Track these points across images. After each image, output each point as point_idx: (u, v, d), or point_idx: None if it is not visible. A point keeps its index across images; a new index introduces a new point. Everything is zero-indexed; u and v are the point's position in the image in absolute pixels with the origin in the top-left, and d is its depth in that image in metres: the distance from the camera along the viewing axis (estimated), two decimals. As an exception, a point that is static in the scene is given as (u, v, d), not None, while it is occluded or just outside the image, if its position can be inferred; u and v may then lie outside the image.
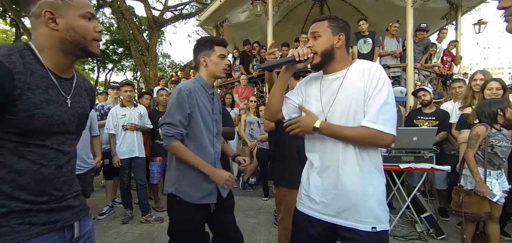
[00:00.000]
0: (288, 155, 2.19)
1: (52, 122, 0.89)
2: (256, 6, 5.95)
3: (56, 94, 0.91)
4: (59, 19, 0.89)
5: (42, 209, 0.89)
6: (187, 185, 1.60)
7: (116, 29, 16.59)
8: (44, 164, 0.89)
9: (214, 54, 1.63)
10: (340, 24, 1.25)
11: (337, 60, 1.25)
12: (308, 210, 1.30)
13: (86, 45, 0.95)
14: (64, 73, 0.96)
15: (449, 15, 6.68)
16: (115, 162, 3.46)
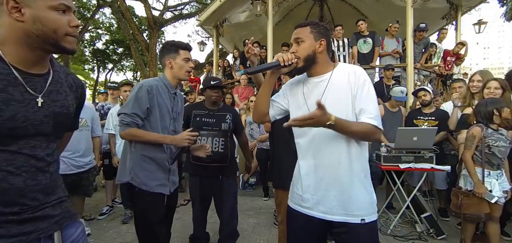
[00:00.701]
0: (284, 157, 2.23)
1: (14, 125, 0.78)
2: (256, 6, 5.95)
3: (20, 93, 0.80)
4: (25, 9, 0.78)
5: (11, 220, 0.79)
6: (142, 173, 1.68)
7: (116, 29, 16.59)
8: (11, 171, 0.79)
9: (179, 57, 1.73)
10: (321, 30, 1.33)
11: (319, 64, 1.32)
12: (301, 208, 1.33)
13: (57, 40, 0.84)
14: (33, 68, 0.85)
15: (449, 15, 6.68)
16: (115, 162, 3.45)
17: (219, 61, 7.69)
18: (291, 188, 1.44)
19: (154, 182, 1.70)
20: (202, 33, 13.70)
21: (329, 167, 1.25)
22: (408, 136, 3.09)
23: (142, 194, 1.68)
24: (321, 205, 1.26)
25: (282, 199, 2.20)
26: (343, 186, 1.23)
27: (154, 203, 1.71)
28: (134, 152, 1.70)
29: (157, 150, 1.72)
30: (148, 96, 1.66)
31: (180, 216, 3.77)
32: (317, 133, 1.26)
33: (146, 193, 1.68)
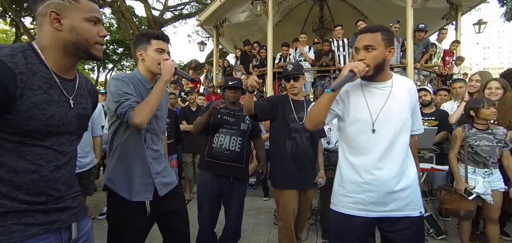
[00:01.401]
0: (279, 156, 2.31)
1: (52, 123, 0.89)
2: (256, 6, 5.95)
3: (58, 95, 0.92)
4: (64, 20, 0.90)
5: (39, 209, 0.88)
6: (123, 175, 1.48)
7: (116, 29, 16.57)
8: (43, 164, 0.89)
9: (151, 48, 1.53)
10: (390, 36, 1.35)
11: (385, 71, 1.37)
12: (356, 211, 1.39)
13: (88, 48, 0.96)
14: (66, 74, 0.97)
15: (449, 15, 6.68)
16: (115, 162, 3.44)
17: (219, 61, 7.68)
18: (336, 192, 1.51)
19: (134, 189, 1.48)
20: (202, 33, 13.70)
21: (399, 167, 1.34)
22: (408, 136, 3.09)
23: (119, 199, 1.48)
24: (383, 204, 1.35)
25: (277, 199, 2.29)
26: (410, 184, 1.36)
27: (132, 213, 1.49)
28: (120, 149, 1.51)
29: (136, 146, 1.51)
30: (130, 87, 1.45)
31: (180, 216, 3.77)
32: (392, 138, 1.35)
33: (124, 200, 1.47)
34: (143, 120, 1.34)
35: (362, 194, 1.37)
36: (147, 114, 1.35)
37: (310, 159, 2.36)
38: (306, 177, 2.30)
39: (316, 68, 5.92)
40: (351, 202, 1.40)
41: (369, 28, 1.34)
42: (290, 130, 2.29)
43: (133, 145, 1.49)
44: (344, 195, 1.43)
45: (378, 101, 1.35)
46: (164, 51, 1.54)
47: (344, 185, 1.45)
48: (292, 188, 2.24)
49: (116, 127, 1.51)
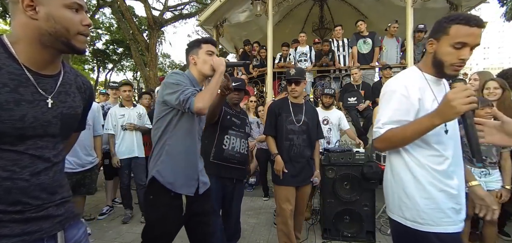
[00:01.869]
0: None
1: (22, 125, 0.78)
2: (256, 6, 5.94)
3: (31, 93, 0.81)
4: (39, 7, 0.79)
5: (15, 219, 0.79)
6: (171, 168, 1.53)
7: (116, 29, 16.57)
8: (16, 171, 0.79)
9: (202, 51, 1.63)
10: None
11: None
12: (452, 227, 1.17)
13: (69, 39, 0.84)
14: (45, 69, 0.86)
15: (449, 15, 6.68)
16: (115, 162, 3.45)
17: (219, 61, 7.67)
18: (421, 210, 1.17)
19: (179, 181, 1.54)
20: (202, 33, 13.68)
21: (462, 169, 1.27)
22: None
23: (163, 191, 1.51)
24: (463, 212, 1.22)
25: (277, 194, 2.46)
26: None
27: (169, 208, 1.54)
28: (168, 143, 1.55)
29: (188, 141, 1.57)
30: (184, 75, 1.55)
31: (180, 216, 3.77)
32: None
33: (168, 192, 1.51)
34: (204, 105, 1.41)
35: (451, 202, 1.17)
36: (208, 100, 1.43)
37: (306, 159, 2.48)
38: (302, 175, 2.46)
39: (316, 68, 5.92)
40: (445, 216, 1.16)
41: (482, 22, 1.13)
42: (287, 131, 2.45)
43: (184, 139, 1.56)
44: (437, 209, 1.16)
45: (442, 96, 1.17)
46: (213, 53, 1.63)
47: (430, 196, 1.17)
48: (287, 185, 2.41)
49: (169, 120, 1.54)
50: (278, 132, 2.49)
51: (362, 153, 2.98)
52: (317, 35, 7.37)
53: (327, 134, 3.68)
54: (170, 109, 1.53)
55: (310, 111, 2.56)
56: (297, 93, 2.49)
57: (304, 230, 3.08)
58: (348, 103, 4.96)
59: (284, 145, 2.44)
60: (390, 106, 1.22)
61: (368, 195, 2.90)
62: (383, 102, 1.28)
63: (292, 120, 2.45)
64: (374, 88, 5.02)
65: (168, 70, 21.19)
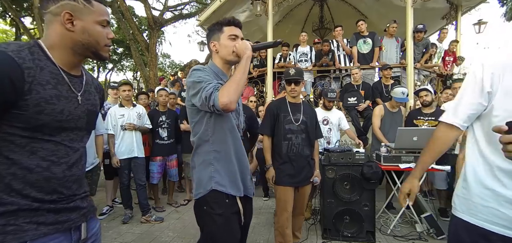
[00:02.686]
0: (276, 155, 2.49)
1: (62, 118, 0.90)
2: (256, 6, 5.94)
3: (66, 90, 0.93)
4: (77, 21, 0.92)
5: (50, 208, 0.88)
6: (227, 175, 1.38)
7: (116, 29, 16.53)
8: (55, 161, 0.89)
9: (224, 36, 1.42)
10: None
11: None
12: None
13: (98, 50, 0.99)
14: (73, 70, 0.98)
15: (449, 15, 6.68)
16: (114, 162, 3.45)
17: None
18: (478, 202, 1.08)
19: (239, 184, 1.41)
20: (202, 33, 13.70)
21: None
22: (408, 136, 3.09)
23: (220, 202, 1.36)
24: None
25: (276, 193, 2.48)
26: None
27: (230, 218, 1.39)
28: (213, 148, 1.39)
29: (233, 139, 1.42)
30: (206, 70, 1.37)
31: (180, 216, 3.77)
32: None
33: (225, 199, 1.37)
34: (231, 99, 1.21)
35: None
36: (233, 92, 1.22)
37: (305, 158, 2.48)
38: (301, 175, 2.46)
39: (316, 68, 5.92)
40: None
41: None
42: (285, 131, 2.46)
43: (229, 139, 1.41)
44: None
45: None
46: (237, 37, 1.42)
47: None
48: (287, 184, 2.41)
49: (205, 123, 1.38)
50: (277, 132, 2.48)
51: (362, 153, 2.98)
52: (317, 35, 7.37)
53: (327, 134, 3.67)
54: (202, 111, 1.36)
55: (308, 111, 2.56)
56: (296, 93, 2.50)
57: (304, 230, 3.08)
58: (348, 103, 4.96)
59: (283, 144, 2.44)
60: None
61: (368, 195, 2.90)
62: None
63: (290, 120, 2.45)
64: (374, 88, 5.02)
65: (168, 70, 21.20)
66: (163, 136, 3.96)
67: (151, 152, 3.96)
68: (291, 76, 2.44)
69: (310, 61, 5.97)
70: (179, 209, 4.09)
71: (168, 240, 3.03)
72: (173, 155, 4.11)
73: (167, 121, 4.00)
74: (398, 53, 5.70)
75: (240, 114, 1.56)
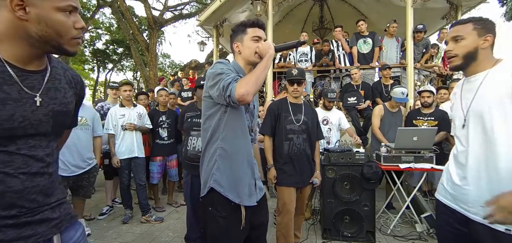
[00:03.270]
0: (278, 156, 2.51)
1: (12, 125, 0.75)
2: (256, 6, 5.94)
3: (16, 91, 0.76)
4: (30, 7, 0.74)
5: (9, 224, 0.76)
6: (229, 175, 1.33)
7: (116, 29, 16.57)
8: (9, 173, 0.76)
9: (247, 37, 1.42)
10: (487, 25, 1.27)
11: (478, 62, 1.27)
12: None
13: (60, 44, 0.80)
14: (30, 65, 0.81)
15: (449, 15, 6.67)
16: (115, 162, 3.45)
17: (219, 61, 7.66)
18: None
19: (243, 190, 1.34)
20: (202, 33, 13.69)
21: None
22: (408, 136, 3.09)
23: (226, 203, 1.32)
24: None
25: (278, 194, 2.48)
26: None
27: (233, 223, 1.33)
28: (222, 145, 1.34)
29: (242, 140, 1.36)
30: (228, 64, 1.37)
31: (180, 216, 3.77)
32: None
33: (231, 203, 1.32)
34: (248, 90, 1.19)
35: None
36: (252, 85, 1.21)
37: (307, 159, 2.48)
38: (302, 175, 2.46)
39: (316, 68, 5.93)
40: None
41: (460, 21, 1.33)
42: (287, 131, 2.46)
43: (237, 140, 1.36)
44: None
45: (469, 97, 1.30)
46: (260, 39, 1.43)
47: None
48: (289, 185, 2.42)
49: (218, 118, 1.34)
50: (278, 132, 2.49)
51: (362, 153, 2.98)
52: (317, 35, 7.37)
53: (327, 134, 3.68)
54: (218, 105, 1.33)
55: (309, 111, 2.56)
56: (298, 94, 2.50)
57: (304, 230, 3.09)
58: (348, 103, 4.96)
59: (284, 145, 2.45)
60: None
61: (368, 195, 2.90)
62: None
63: (291, 120, 2.46)
64: (374, 88, 5.03)
65: (168, 70, 21.20)
66: (163, 136, 3.97)
67: (151, 152, 3.96)
68: (294, 77, 2.45)
69: (310, 61, 5.97)
70: (179, 209, 4.09)
71: (168, 240, 3.03)
72: (173, 155, 4.12)
73: (167, 121, 4.01)
74: (398, 53, 5.70)
75: (254, 117, 1.53)
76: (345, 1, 7.80)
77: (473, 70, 1.29)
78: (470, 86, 1.30)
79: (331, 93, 3.73)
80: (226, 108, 1.33)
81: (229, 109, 1.33)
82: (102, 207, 3.88)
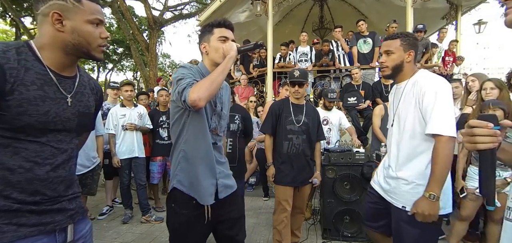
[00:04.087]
0: (277, 155, 2.53)
1: (47, 119, 0.88)
2: (256, 6, 5.95)
3: (54, 91, 0.91)
4: (66, 21, 0.90)
5: (32, 210, 0.86)
6: (190, 175, 1.38)
7: (116, 29, 16.57)
8: (38, 162, 0.87)
9: (214, 37, 1.39)
10: (410, 42, 1.56)
11: (404, 72, 1.59)
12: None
13: (89, 50, 0.96)
14: (65, 71, 0.96)
15: (449, 15, 6.68)
16: (115, 162, 3.46)
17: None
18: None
19: (201, 189, 1.38)
20: (202, 33, 13.66)
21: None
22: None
23: (180, 205, 1.39)
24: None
25: (277, 193, 2.50)
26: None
27: (194, 219, 1.39)
28: (184, 148, 1.39)
29: (202, 143, 1.38)
30: (190, 68, 1.35)
31: (180, 216, 3.77)
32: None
33: (187, 204, 1.38)
34: (200, 95, 1.18)
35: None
36: (205, 89, 1.19)
37: (306, 159, 2.50)
38: (301, 175, 2.48)
39: (316, 68, 5.93)
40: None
41: (390, 36, 1.59)
42: (286, 131, 2.48)
43: (198, 142, 1.38)
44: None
45: (395, 103, 1.63)
46: (227, 39, 1.39)
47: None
48: (285, 184, 2.44)
49: (182, 122, 1.37)
50: (278, 131, 2.51)
51: (362, 153, 2.98)
52: (317, 35, 7.37)
53: (327, 134, 3.67)
54: (181, 109, 1.35)
55: (310, 112, 2.57)
56: (300, 95, 2.51)
57: (304, 230, 3.09)
58: (348, 103, 4.96)
59: (283, 144, 2.47)
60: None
61: (368, 195, 2.90)
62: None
63: (291, 120, 2.47)
64: (374, 88, 5.02)
65: (168, 70, 21.21)
66: (164, 136, 3.97)
67: (152, 152, 3.96)
68: (296, 78, 2.45)
69: (310, 61, 5.97)
70: (179, 209, 4.09)
71: (168, 240, 3.03)
72: (173, 155, 4.11)
73: (168, 121, 4.01)
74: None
75: (222, 118, 1.51)
76: (345, 1, 7.81)
77: (399, 79, 1.63)
78: (396, 94, 1.63)
79: (331, 93, 3.73)
80: (189, 112, 1.34)
81: (191, 113, 1.34)
82: (102, 207, 3.88)
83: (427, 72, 1.54)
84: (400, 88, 1.59)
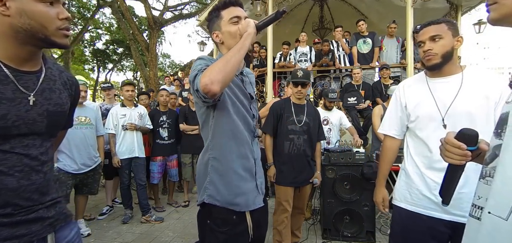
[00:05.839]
0: (277, 155, 2.54)
1: (5, 124, 0.75)
2: (256, 6, 5.95)
3: (11, 91, 0.77)
4: (9, 2, 0.74)
5: (3, 222, 0.76)
6: (225, 183, 1.17)
7: (116, 29, 16.56)
8: (4, 171, 0.76)
9: (224, 22, 1.21)
10: (456, 27, 1.32)
11: (453, 61, 1.32)
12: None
13: (47, 35, 0.80)
14: (25, 65, 0.82)
15: (449, 15, 6.67)
16: (115, 162, 3.46)
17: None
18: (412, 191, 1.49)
19: (242, 198, 1.17)
20: (202, 33, 13.68)
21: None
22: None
23: (220, 216, 1.16)
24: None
25: (277, 193, 2.51)
26: None
27: (236, 236, 1.18)
28: (213, 153, 1.18)
29: (234, 143, 1.18)
30: (208, 59, 1.16)
31: (180, 216, 3.77)
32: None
33: (232, 213, 1.16)
34: (212, 78, 0.96)
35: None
36: (218, 70, 0.98)
37: (306, 159, 2.50)
38: (301, 175, 2.48)
39: (316, 68, 5.93)
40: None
41: (434, 21, 1.32)
42: (288, 131, 2.48)
43: (229, 142, 1.17)
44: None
45: (446, 95, 1.31)
46: (240, 18, 1.21)
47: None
48: (287, 184, 2.44)
49: (210, 124, 1.17)
50: (279, 132, 2.52)
51: (362, 153, 2.98)
52: (317, 35, 7.37)
53: (327, 134, 3.67)
54: (204, 108, 1.16)
55: (312, 112, 2.57)
56: (302, 96, 2.52)
57: (304, 230, 3.09)
58: (348, 103, 4.96)
59: (284, 144, 2.47)
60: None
61: (368, 195, 2.90)
62: None
63: (293, 120, 2.48)
64: (374, 88, 5.03)
65: (168, 70, 21.20)
66: (164, 136, 3.97)
67: (152, 151, 3.96)
68: (299, 79, 2.45)
69: (310, 61, 5.97)
70: (179, 209, 4.09)
71: (168, 240, 3.03)
72: (173, 155, 4.12)
73: (168, 121, 4.01)
74: (398, 53, 5.71)
75: (255, 118, 1.33)
76: (345, 1, 7.81)
77: (448, 71, 1.32)
78: (446, 86, 1.31)
79: (331, 93, 3.73)
80: (213, 111, 1.15)
81: (215, 111, 1.15)
82: (102, 207, 3.88)
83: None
84: (445, 82, 1.32)
